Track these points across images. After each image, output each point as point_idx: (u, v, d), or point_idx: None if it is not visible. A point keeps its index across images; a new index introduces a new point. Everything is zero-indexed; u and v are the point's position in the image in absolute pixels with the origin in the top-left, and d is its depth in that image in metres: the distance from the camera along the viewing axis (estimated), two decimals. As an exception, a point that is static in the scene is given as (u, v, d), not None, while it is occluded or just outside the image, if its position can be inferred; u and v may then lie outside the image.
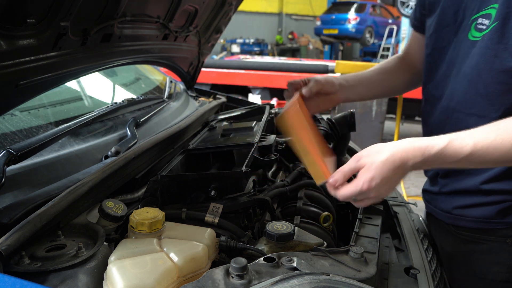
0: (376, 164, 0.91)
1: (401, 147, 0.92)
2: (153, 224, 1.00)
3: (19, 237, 0.87)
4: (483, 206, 1.13)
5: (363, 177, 0.92)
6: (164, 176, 1.27)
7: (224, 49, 15.05)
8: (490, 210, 1.12)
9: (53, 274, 0.85)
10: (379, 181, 0.91)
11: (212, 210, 1.16)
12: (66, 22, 1.13)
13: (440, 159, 0.91)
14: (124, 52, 1.59)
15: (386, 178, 0.91)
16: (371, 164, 0.92)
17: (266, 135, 1.65)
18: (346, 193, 0.95)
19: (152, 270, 0.85)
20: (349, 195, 0.94)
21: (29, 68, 1.09)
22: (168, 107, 1.99)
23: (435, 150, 0.90)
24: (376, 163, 0.91)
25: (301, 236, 1.11)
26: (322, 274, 0.87)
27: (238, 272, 0.82)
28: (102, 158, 1.34)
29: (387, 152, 0.91)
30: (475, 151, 0.89)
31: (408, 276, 1.14)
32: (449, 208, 1.20)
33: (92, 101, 1.81)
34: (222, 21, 2.22)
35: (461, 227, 1.19)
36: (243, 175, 1.24)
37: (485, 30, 1.02)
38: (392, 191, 0.95)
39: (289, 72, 6.94)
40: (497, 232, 1.14)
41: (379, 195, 0.93)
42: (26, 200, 1.01)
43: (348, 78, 1.42)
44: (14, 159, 1.05)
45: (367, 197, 0.94)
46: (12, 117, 1.33)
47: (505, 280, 1.15)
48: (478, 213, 1.14)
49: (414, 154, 0.91)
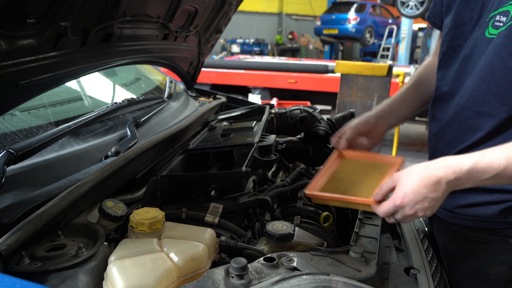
0: (409, 181, 0.95)
1: (434, 165, 0.96)
2: (153, 224, 1.00)
3: (19, 237, 0.87)
4: (485, 205, 1.13)
5: (396, 194, 0.96)
6: (164, 176, 1.27)
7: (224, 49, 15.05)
8: (492, 210, 1.12)
9: (53, 274, 0.85)
10: (412, 197, 0.94)
11: (212, 210, 1.16)
12: (66, 22, 1.13)
13: (474, 175, 0.92)
14: (124, 52, 1.59)
15: (419, 194, 0.94)
16: (404, 181, 0.96)
17: (266, 135, 1.65)
18: (383, 209, 0.99)
19: (152, 270, 0.85)
20: (386, 211, 0.98)
21: (29, 68, 1.09)
22: (168, 107, 1.99)
23: (467, 168, 0.93)
24: (409, 180, 0.95)
25: (301, 236, 1.11)
26: (322, 274, 0.87)
27: (238, 272, 0.82)
28: (102, 158, 1.34)
29: (420, 171, 0.95)
30: (509, 165, 0.90)
31: (408, 276, 1.14)
32: (451, 207, 1.20)
33: (92, 101, 1.81)
34: (222, 21, 2.22)
35: (463, 226, 1.19)
36: (243, 175, 1.24)
37: (502, 27, 1.01)
38: (432, 209, 0.95)
39: (289, 72, 6.94)
40: (499, 232, 1.13)
41: (416, 212, 0.95)
42: (26, 200, 1.01)
43: (385, 108, 1.41)
44: (14, 159, 1.05)
45: (405, 214, 0.96)
46: (12, 117, 1.33)
47: (507, 280, 1.15)
48: (481, 212, 1.14)
49: (446, 172, 0.93)
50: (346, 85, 5.22)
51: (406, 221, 0.99)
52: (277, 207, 1.39)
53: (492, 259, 1.16)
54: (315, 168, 1.84)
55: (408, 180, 0.96)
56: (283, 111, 2.11)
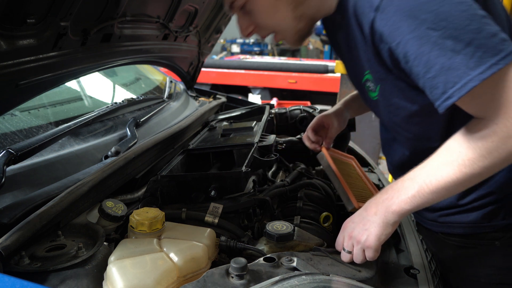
0: (349, 219, 1.06)
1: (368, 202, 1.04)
2: (153, 224, 1.00)
3: (19, 237, 0.87)
4: (468, 212, 1.13)
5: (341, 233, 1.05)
6: (164, 176, 1.27)
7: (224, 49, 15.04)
8: (475, 215, 1.13)
9: (53, 274, 0.85)
10: (354, 219, 1.03)
11: (212, 210, 1.16)
12: (66, 22, 1.13)
13: (398, 193, 0.96)
14: (124, 52, 1.59)
15: (359, 216, 1.02)
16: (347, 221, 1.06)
17: (266, 135, 1.65)
18: (337, 242, 1.06)
19: (152, 270, 0.85)
20: (337, 242, 1.05)
21: (29, 68, 1.09)
22: (168, 107, 1.99)
23: (392, 186, 0.98)
24: (350, 218, 1.06)
25: (301, 236, 1.11)
26: (322, 274, 0.87)
27: (238, 272, 0.82)
28: (102, 158, 1.34)
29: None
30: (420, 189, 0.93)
31: (408, 276, 1.13)
32: (435, 217, 1.20)
33: (92, 101, 1.81)
34: (222, 21, 2.22)
35: (450, 234, 1.19)
36: (243, 175, 1.24)
37: (375, 92, 1.08)
38: (369, 234, 0.98)
39: (289, 72, 6.93)
40: (485, 236, 1.14)
41: (364, 242, 0.99)
42: (26, 200, 1.01)
43: (341, 106, 1.57)
44: (14, 159, 1.05)
45: (349, 236, 1.02)
46: (12, 117, 1.33)
47: (498, 282, 1.15)
48: (464, 219, 1.14)
49: (381, 194, 1.00)
50: (346, 85, 5.21)
51: (356, 254, 1.01)
52: (277, 207, 1.39)
53: (482, 263, 1.16)
54: (315, 168, 1.84)
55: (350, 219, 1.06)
56: (283, 111, 2.11)
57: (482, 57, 0.78)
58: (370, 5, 0.88)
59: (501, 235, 1.12)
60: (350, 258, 1.02)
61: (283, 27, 1.08)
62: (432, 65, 0.82)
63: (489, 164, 0.83)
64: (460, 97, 0.80)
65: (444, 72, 0.81)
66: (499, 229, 1.12)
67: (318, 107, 2.14)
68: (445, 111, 0.84)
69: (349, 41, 1.06)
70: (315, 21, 1.12)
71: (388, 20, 0.85)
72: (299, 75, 6.85)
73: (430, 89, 0.84)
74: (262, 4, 1.04)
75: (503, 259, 1.14)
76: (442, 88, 0.82)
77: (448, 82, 0.81)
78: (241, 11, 1.09)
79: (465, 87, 0.79)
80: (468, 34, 0.79)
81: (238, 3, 1.06)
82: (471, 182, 0.88)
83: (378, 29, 0.88)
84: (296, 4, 1.04)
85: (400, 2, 0.84)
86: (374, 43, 0.93)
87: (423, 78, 0.85)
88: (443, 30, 0.80)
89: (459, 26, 0.80)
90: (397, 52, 0.87)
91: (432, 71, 0.82)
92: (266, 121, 1.84)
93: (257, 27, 1.11)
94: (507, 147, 0.81)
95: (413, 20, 0.82)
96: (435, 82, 0.83)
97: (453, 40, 0.79)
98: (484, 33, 0.79)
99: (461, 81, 0.79)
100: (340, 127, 1.51)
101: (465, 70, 0.79)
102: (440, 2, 0.81)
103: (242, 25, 1.12)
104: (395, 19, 0.84)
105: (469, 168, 0.85)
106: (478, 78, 0.78)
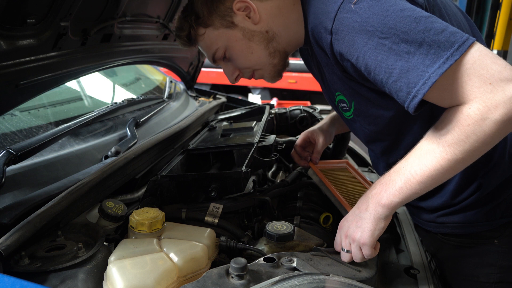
0: (343, 218, 1.08)
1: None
2: (153, 224, 1.00)
3: (19, 237, 0.86)
4: (465, 211, 1.14)
5: (338, 234, 1.07)
6: (164, 176, 1.27)
7: (224, 49, 15.04)
8: (472, 215, 1.13)
9: (53, 274, 0.85)
10: (348, 218, 1.05)
11: (212, 210, 1.16)
12: (66, 22, 1.13)
13: (386, 186, 0.97)
14: (124, 52, 1.59)
15: (352, 215, 1.04)
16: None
17: (266, 135, 1.65)
18: (335, 242, 1.08)
19: (152, 270, 0.85)
20: (336, 242, 1.07)
21: (29, 68, 1.09)
22: (168, 107, 1.99)
23: (380, 180, 1.00)
24: (344, 217, 1.08)
25: (301, 236, 1.11)
26: (322, 274, 0.87)
27: (238, 272, 0.82)
28: (102, 158, 1.34)
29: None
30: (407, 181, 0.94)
31: (408, 276, 1.14)
32: (433, 218, 1.21)
33: (92, 101, 1.81)
34: (222, 21, 2.21)
35: (449, 234, 1.20)
36: (243, 175, 1.24)
37: (349, 112, 1.15)
38: (363, 230, 1.00)
39: (289, 72, 6.94)
40: (484, 235, 1.14)
41: (359, 239, 1.00)
42: (26, 200, 1.01)
43: (326, 122, 1.58)
44: (14, 159, 1.05)
45: (354, 246, 1.01)
46: (12, 117, 1.33)
47: (497, 281, 1.16)
48: (462, 219, 1.15)
49: (370, 189, 1.02)
50: (346, 85, 5.21)
51: (354, 252, 1.02)
52: (277, 207, 1.39)
53: (481, 262, 1.16)
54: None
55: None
56: (283, 111, 2.11)
57: (436, 52, 0.82)
58: (325, 29, 0.95)
59: (499, 234, 1.13)
60: (350, 258, 1.02)
61: (261, 65, 1.17)
62: (391, 70, 0.86)
63: (470, 148, 0.85)
64: (424, 94, 0.83)
65: (404, 74, 0.84)
66: (497, 228, 1.12)
67: (318, 107, 2.15)
68: (416, 111, 0.86)
69: (319, 67, 1.16)
70: (287, 54, 1.20)
71: (343, 40, 0.91)
72: (299, 75, 6.86)
73: (396, 92, 0.88)
74: (238, 49, 1.14)
75: (502, 257, 1.14)
76: (406, 89, 0.85)
77: (410, 83, 0.84)
78: (223, 61, 1.21)
79: (426, 84, 0.82)
80: (418, 34, 0.83)
81: (219, 54, 1.18)
82: (455, 169, 0.89)
83: (337, 49, 0.94)
84: (267, 42, 1.13)
85: (349, 21, 0.89)
86: (338, 62, 0.99)
87: (387, 84, 0.88)
88: (394, 37, 0.84)
89: (407, 29, 0.84)
90: (358, 66, 0.92)
91: (393, 75, 0.86)
92: (266, 121, 1.84)
93: (240, 70, 1.21)
94: (483, 129, 0.82)
95: (365, 34, 0.87)
96: (399, 85, 0.86)
97: (406, 43, 0.83)
98: (433, 31, 0.82)
99: (421, 79, 0.83)
100: (326, 142, 1.54)
101: (423, 68, 0.82)
102: (384, 13, 0.86)
103: (228, 73, 1.23)
104: (349, 37, 0.90)
105: (451, 154, 0.86)
106: (436, 73, 0.81)
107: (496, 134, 0.82)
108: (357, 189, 1.44)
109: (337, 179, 1.46)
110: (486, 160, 1.07)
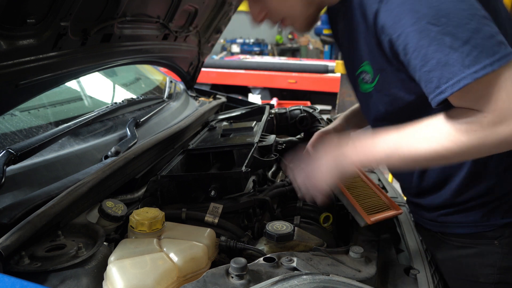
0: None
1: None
2: (153, 224, 1.00)
3: (19, 237, 0.87)
4: (466, 211, 1.14)
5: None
6: (164, 176, 1.27)
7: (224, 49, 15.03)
8: (474, 214, 1.13)
9: (53, 274, 0.85)
10: (303, 173, 1.10)
11: (212, 210, 1.16)
12: (66, 22, 1.13)
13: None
14: (124, 52, 1.59)
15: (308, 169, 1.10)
16: None
17: (266, 135, 1.65)
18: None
19: (152, 270, 0.85)
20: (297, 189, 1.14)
21: (29, 68, 1.09)
22: (168, 107, 1.99)
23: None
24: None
25: (301, 236, 1.11)
26: (322, 274, 0.87)
27: (238, 272, 0.82)
28: (102, 158, 1.34)
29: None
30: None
31: (408, 276, 1.13)
32: (434, 217, 1.21)
33: (92, 101, 1.81)
34: (222, 21, 2.22)
35: (449, 234, 1.20)
36: (243, 175, 1.24)
37: (370, 84, 1.11)
38: (324, 176, 1.06)
39: (289, 72, 6.94)
40: (484, 235, 1.14)
41: (315, 183, 1.07)
42: (26, 200, 1.01)
43: (338, 123, 1.55)
44: (14, 159, 1.05)
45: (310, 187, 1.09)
46: (12, 117, 1.33)
47: (497, 281, 1.15)
48: (463, 219, 1.15)
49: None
50: (346, 85, 5.21)
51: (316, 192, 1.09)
52: (277, 207, 1.39)
53: (480, 263, 1.16)
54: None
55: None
56: (283, 111, 2.11)
57: (477, 56, 0.80)
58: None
59: (500, 234, 1.13)
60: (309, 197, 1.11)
61: (294, 12, 1.11)
62: (429, 59, 0.84)
63: (462, 150, 0.87)
64: (452, 93, 0.82)
65: (440, 67, 0.83)
66: (498, 228, 1.12)
67: (318, 107, 2.15)
68: (438, 105, 0.86)
69: (351, 31, 1.08)
70: (322, 7, 1.15)
71: (391, 12, 0.88)
72: (299, 75, 6.85)
73: (425, 82, 0.87)
74: None
75: (502, 258, 1.14)
76: (436, 82, 0.84)
77: (443, 78, 0.83)
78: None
79: (458, 84, 0.81)
80: (466, 32, 0.81)
81: None
82: (438, 162, 0.93)
83: (381, 20, 0.91)
84: None
85: None
86: (377, 33, 0.95)
87: (419, 71, 0.87)
88: (443, 26, 0.82)
89: (458, 24, 0.81)
90: (397, 44, 0.89)
91: (429, 65, 0.84)
92: (266, 121, 1.84)
93: (268, 12, 1.13)
94: (485, 140, 0.84)
95: (415, 14, 0.84)
96: (431, 76, 0.85)
97: (452, 37, 0.81)
98: (482, 34, 0.81)
99: (455, 78, 0.82)
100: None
101: (460, 67, 0.81)
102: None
103: (253, 12, 1.14)
104: (398, 11, 0.86)
105: (445, 150, 0.88)
106: (471, 76, 0.80)
107: (492, 150, 0.86)
108: (367, 193, 1.40)
109: (348, 182, 1.42)
110: (498, 163, 1.07)
